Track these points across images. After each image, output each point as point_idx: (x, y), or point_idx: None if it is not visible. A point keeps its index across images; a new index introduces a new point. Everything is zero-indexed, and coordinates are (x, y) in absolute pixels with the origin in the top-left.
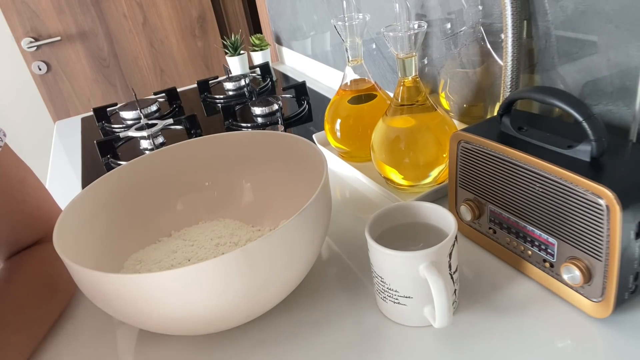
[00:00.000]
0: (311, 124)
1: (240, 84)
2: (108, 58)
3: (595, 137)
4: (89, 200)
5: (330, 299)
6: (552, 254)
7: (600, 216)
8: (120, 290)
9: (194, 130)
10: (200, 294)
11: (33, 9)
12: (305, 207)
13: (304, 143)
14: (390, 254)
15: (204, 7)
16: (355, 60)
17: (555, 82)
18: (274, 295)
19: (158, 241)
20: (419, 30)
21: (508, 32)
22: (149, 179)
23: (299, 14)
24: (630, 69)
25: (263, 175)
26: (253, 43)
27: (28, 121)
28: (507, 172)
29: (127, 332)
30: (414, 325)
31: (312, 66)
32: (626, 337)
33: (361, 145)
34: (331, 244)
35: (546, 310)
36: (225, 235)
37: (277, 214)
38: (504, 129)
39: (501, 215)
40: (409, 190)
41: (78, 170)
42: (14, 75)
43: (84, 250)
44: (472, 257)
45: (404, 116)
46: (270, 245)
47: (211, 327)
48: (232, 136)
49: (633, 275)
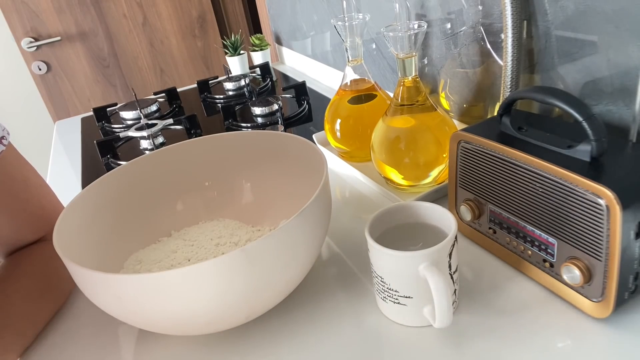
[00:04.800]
0: (311, 124)
1: (240, 84)
2: (108, 58)
3: (595, 137)
4: (89, 200)
5: (330, 299)
6: (552, 254)
7: (600, 216)
8: (120, 291)
9: (194, 130)
10: (200, 294)
11: (33, 9)
12: (305, 207)
13: (304, 143)
14: (390, 254)
15: (204, 7)
16: (355, 60)
17: (555, 82)
18: (274, 295)
19: (158, 241)
20: (419, 30)
21: (508, 32)
22: (149, 179)
23: (299, 14)
24: (630, 69)
25: (263, 175)
26: (253, 43)
27: (28, 121)
28: (507, 172)
29: (127, 332)
30: (414, 325)
31: (312, 66)
32: (626, 337)
33: (361, 145)
34: (331, 244)
35: (546, 310)
36: (225, 235)
37: (277, 214)
38: (504, 129)
39: (501, 215)
40: (409, 190)
41: (78, 170)
42: (14, 75)
43: (84, 250)
44: (472, 257)
45: (404, 116)
46: (270, 245)
47: (211, 327)
48: (232, 136)
49: (633, 275)
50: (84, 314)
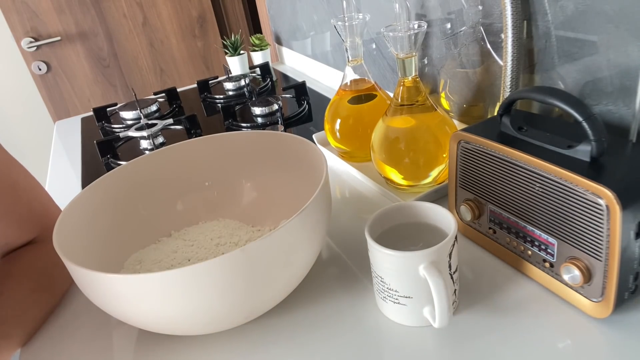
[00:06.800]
0: (311, 124)
1: (240, 84)
2: (108, 58)
3: (595, 137)
4: (89, 200)
5: (330, 299)
6: (552, 254)
7: (600, 216)
8: (120, 290)
9: (194, 130)
10: (200, 294)
11: (33, 9)
12: (305, 207)
13: (304, 143)
14: (390, 254)
15: (204, 7)
16: (355, 60)
17: (555, 82)
18: (274, 295)
19: (158, 241)
20: (419, 30)
21: (508, 32)
22: (149, 179)
23: (299, 14)
24: (630, 69)
25: (263, 175)
26: (253, 43)
27: (28, 121)
28: (507, 172)
29: (127, 332)
30: (414, 325)
31: (312, 66)
32: (626, 337)
33: (361, 145)
34: (331, 244)
35: (546, 310)
36: (225, 235)
37: (277, 214)
38: (504, 129)
39: (501, 215)
40: (408, 190)
41: (78, 170)
42: (14, 75)
43: (84, 250)
44: (472, 257)
45: (404, 116)
46: (270, 245)
47: (211, 327)
48: (232, 136)
49: (633, 275)
50: (83, 314)
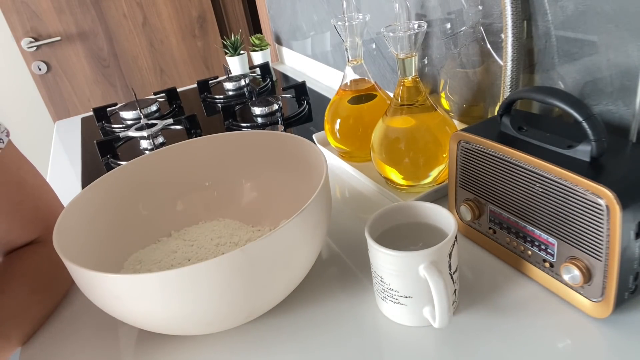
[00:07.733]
0: (311, 124)
1: (240, 84)
2: (108, 58)
3: (595, 137)
4: (89, 200)
5: (330, 298)
6: (552, 254)
7: (600, 216)
8: (120, 290)
9: (194, 130)
10: (200, 294)
11: (33, 9)
12: (305, 207)
13: (304, 143)
14: (390, 254)
15: (204, 7)
16: (355, 60)
17: (555, 82)
18: (274, 295)
19: (158, 241)
20: (419, 30)
21: (508, 32)
22: (149, 179)
23: (299, 14)
24: (630, 69)
25: (263, 175)
26: (253, 43)
27: (28, 121)
28: (507, 172)
29: (127, 332)
30: (414, 325)
31: (312, 66)
32: (626, 337)
33: (361, 145)
34: (331, 244)
35: (546, 310)
36: (225, 235)
37: (277, 214)
38: (504, 129)
39: (501, 215)
40: (408, 190)
41: (78, 170)
42: (14, 75)
43: (84, 250)
44: (472, 257)
45: (404, 116)
46: (270, 245)
47: (211, 327)
48: (232, 136)
49: (633, 275)
50: (84, 314)
